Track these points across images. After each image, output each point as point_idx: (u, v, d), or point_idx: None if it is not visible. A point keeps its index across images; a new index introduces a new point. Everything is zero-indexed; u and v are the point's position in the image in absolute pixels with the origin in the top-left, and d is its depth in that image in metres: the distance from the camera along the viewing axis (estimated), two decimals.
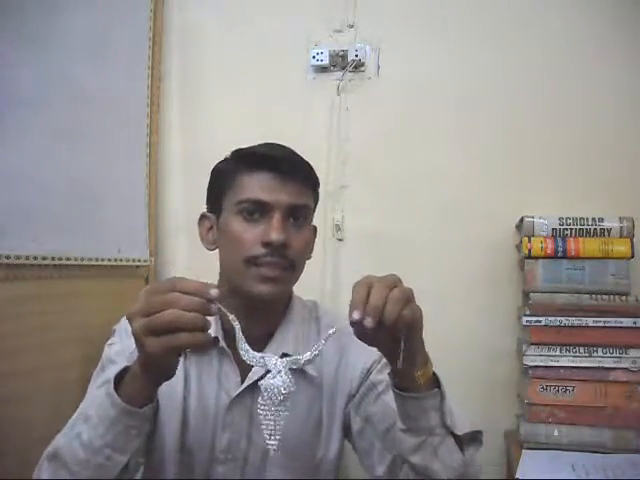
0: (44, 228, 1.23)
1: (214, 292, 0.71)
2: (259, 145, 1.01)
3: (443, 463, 0.85)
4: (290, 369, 0.74)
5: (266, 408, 0.73)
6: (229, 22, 1.71)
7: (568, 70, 1.53)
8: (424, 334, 0.81)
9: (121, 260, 1.48)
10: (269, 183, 0.96)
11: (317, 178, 1.04)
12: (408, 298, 0.76)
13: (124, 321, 1.07)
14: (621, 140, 1.50)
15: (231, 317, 0.74)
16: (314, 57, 1.63)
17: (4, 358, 1.11)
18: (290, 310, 1.06)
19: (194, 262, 1.61)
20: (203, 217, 1.06)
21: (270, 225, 0.94)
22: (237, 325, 0.75)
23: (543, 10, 1.54)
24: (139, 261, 1.57)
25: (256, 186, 0.96)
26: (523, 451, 1.34)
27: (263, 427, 0.74)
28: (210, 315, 0.72)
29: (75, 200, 1.33)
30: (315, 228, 1.09)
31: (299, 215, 0.98)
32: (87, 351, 1.29)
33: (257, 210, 0.96)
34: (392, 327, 0.74)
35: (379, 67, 1.63)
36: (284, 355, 0.76)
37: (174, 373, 0.79)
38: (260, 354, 0.76)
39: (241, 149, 1.02)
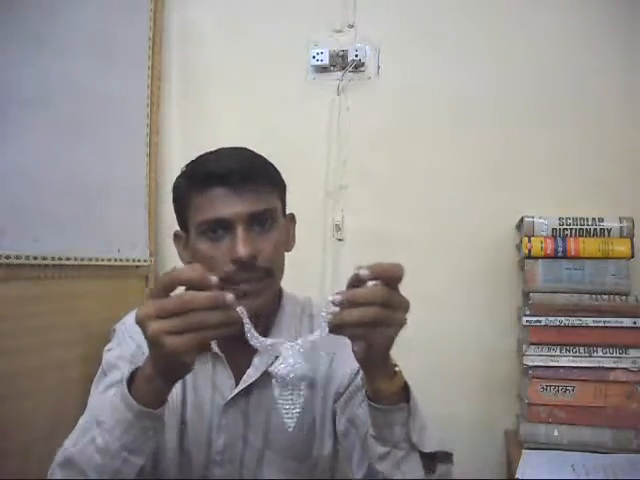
0: (44, 228, 1.23)
1: (214, 279, 0.70)
2: (209, 155, 0.99)
3: (404, 478, 0.84)
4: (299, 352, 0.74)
5: (283, 392, 0.74)
6: (229, 22, 1.71)
7: (568, 69, 1.53)
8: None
9: (121, 260, 1.48)
10: (224, 198, 0.93)
11: (276, 173, 1.01)
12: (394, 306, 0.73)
13: (126, 321, 1.07)
14: (621, 140, 1.50)
15: (238, 308, 0.74)
16: (314, 57, 1.63)
17: (4, 358, 1.11)
18: (281, 309, 1.05)
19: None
20: (176, 236, 1.05)
21: (235, 241, 0.92)
22: (245, 314, 0.74)
23: (541, 10, 1.54)
24: (139, 261, 1.56)
25: (212, 204, 0.93)
26: (523, 451, 1.34)
27: (281, 409, 0.74)
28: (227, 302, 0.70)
29: (75, 200, 1.33)
30: (292, 216, 1.07)
31: (264, 220, 0.95)
32: (87, 351, 1.30)
33: (219, 227, 0.93)
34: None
35: (379, 67, 1.63)
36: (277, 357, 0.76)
37: (192, 368, 0.76)
38: (270, 340, 0.75)
39: (191, 165, 1.00)
